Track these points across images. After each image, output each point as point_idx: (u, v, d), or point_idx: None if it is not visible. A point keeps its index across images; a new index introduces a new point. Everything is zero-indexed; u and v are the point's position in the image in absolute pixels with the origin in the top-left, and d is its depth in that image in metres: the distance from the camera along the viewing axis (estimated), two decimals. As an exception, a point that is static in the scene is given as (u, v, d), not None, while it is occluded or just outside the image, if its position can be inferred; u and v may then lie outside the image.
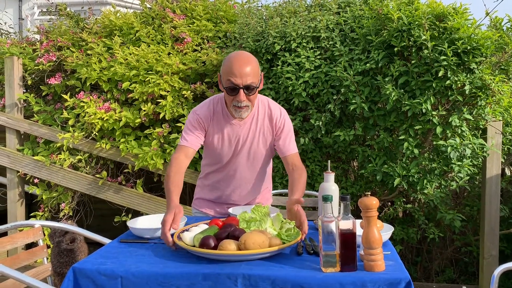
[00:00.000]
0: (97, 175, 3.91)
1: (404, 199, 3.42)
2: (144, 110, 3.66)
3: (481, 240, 3.37)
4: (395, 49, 3.05)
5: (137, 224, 1.93)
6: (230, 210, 2.13)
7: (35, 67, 4.08)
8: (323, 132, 3.30)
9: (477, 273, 3.66)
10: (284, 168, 3.41)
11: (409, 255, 3.71)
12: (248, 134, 2.15)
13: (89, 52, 4.00)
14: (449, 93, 2.98)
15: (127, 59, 3.77)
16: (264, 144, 2.18)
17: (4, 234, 2.45)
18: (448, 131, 3.03)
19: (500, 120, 3.26)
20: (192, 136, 2.10)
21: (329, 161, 1.99)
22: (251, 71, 1.97)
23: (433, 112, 2.97)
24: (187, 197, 4.07)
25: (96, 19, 4.41)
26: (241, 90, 1.97)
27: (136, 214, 3.79)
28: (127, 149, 3.71)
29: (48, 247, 3.00)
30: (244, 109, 2.03)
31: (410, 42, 3.00)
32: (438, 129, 2.99)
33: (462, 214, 3.31)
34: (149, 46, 3.95)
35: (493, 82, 2.92)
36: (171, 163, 2.03)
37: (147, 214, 3.70)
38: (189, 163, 2.10)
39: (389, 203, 3.59)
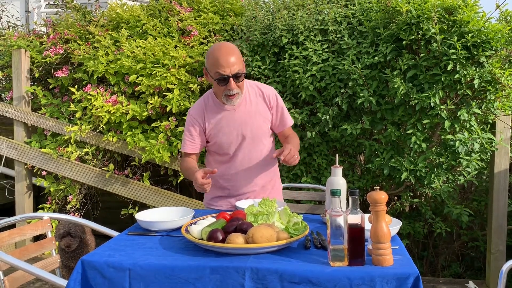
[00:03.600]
0: (104, 168, 3.92)
1: (411, 194, 3.41)
2: (151, 103, 3.67)
3: (489, 235, 3.35)
4: (404, 42, 3.02)
5: (145, 217, 1.93)
6: (238, 204, 2.13)
7: (42, 60, 4.09)
8: (330, 126, 3.29)
9: (483, 268, 3.65)
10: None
11: (415, 249, 3.70)
12: (245, 116, 2.23)
13: (96, 45, 4.00)
14: (458, 87, 2.96)
15: (134, 52, 3.77)
16: (264, 122, 2.27)
17: (13, 226, 2.47)
18: (456, 125, 3.01)
19: (509, 115, 3.23)
20: (189, 142, 2.28)
21: (336, 155, 1.99)
22: (236, 60, 2.08)
23: (442, 106, 2.95)
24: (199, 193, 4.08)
25: (103, 12, 4.40)
26: (231, 79, 2.09)
27: (143, 206, 3.80)
28: (134, 142, 3.72)
29: (56, 239, 3.02)
30: (236, 96, 2.15)
31: (419, 35, 2.98)
32: (447, 123, 2.97)
33: (469, 208, 3.29)
34: (156, 39, 3.94)
35: (502, 76, 2.89)
36: (183, 161, 2.30)
37: (153, 207, 3.72)
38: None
39: (396, 198, 3.57)
